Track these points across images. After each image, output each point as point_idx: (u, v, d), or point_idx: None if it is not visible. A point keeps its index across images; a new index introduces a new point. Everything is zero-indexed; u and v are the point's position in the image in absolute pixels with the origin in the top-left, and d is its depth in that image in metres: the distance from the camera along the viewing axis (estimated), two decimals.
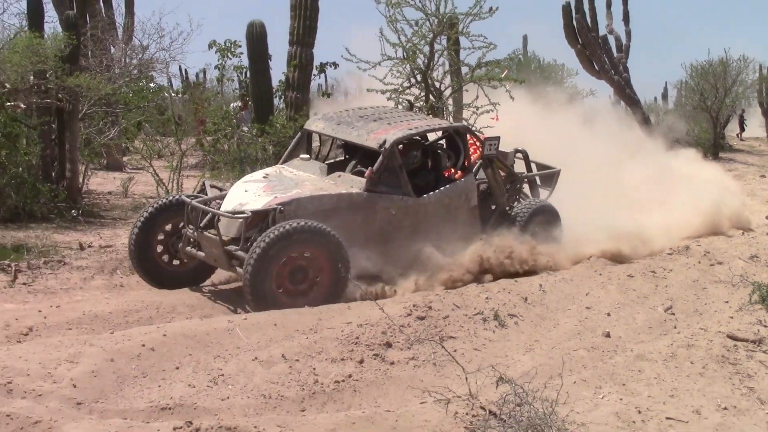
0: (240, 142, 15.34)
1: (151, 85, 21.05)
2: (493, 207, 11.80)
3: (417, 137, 11.36)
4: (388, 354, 7.83)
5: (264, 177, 10.63)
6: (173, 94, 23.51)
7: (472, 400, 6.68)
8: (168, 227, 10.49)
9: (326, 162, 11.43)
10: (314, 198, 9.96)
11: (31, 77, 14.51)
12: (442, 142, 11.96)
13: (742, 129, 37.58)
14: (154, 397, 6.86)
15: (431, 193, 10.89)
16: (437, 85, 14.28)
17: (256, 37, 15.63)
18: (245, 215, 9.60)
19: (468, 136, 11.62)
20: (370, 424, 6.36)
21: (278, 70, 16.24)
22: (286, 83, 15.62)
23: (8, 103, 13.98)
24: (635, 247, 12.58)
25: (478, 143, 11.58)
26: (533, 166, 13.01)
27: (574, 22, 19.75)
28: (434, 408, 6.63)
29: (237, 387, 7.09)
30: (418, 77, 14.16)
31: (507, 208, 11.82)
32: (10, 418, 6.15)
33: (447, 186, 11.12)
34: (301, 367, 7.44)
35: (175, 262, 10.62)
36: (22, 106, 14.40)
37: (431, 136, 12.03)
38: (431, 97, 14.16)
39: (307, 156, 11.27)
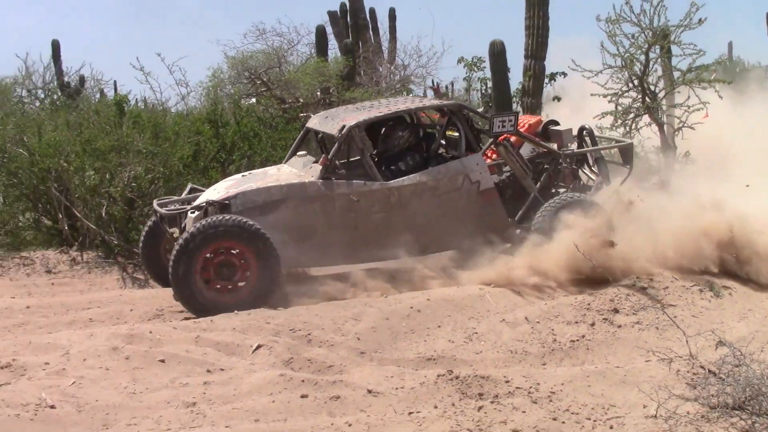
0: None
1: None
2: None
3: (399, 118, 9.16)
4: (615, 318, 7.52)
5: (242, 176, 9.03)
6: None
7: (692, 360, 6.30)
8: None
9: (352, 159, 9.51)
10: (261, 190, 8.27)
11: (318, 93, 15.14)
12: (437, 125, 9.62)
13: None
14: (421, 349, 6.95)
15: (407, 176, 8.64)
16: (652, 88, 13.81)
17: (497, 53, 15.52)
18: (186, 208, 8.38)
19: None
20: (602, 377, 6.17)
21: (515, 80, 16.01)
22: (522, 91, 15.42)
23: (301, 114, 14.62)
24: None
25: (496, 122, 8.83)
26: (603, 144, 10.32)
27: None
28: (658, 366, 6.33)
29: (488, 343, 7.06)
30: (635, 82, 13.72)
31: (551, 191, 9.35)
32: (310, 362, 6.46)
33: (431, 167, 8.76)
34: (542, 328, 7.30)
35: None
36: (312, 116, 15.02)
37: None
38: (647, 98, 13.69)
39: (304, 153, 9.47)
